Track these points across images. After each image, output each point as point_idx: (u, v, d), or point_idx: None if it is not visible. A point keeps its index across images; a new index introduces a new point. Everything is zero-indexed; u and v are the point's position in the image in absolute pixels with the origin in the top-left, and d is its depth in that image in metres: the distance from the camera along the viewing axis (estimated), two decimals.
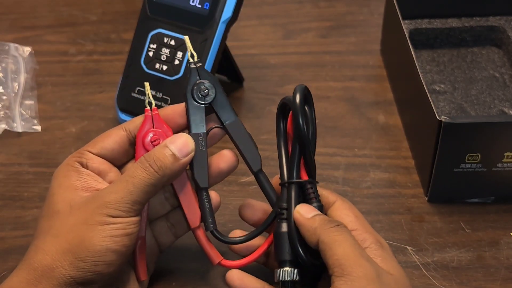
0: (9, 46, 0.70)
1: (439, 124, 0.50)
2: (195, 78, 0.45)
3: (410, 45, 0.58)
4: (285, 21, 0.77)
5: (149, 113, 0.44)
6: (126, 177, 0.41)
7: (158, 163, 0.41)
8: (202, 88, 0.44)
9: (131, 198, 0.40)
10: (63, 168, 0.43)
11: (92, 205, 0.40)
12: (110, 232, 0.40)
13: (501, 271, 0.50)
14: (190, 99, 0.44)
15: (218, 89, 0.45)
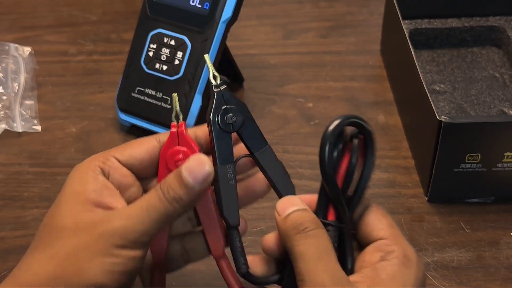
0: (9, 46, 0.70)
1: (439, 124, 0.50)
2: (219, 103, 0.39)
3: (410, 45, 0.58)
4: (285, 21, 0.77)
5: (175, 129, 0.40)
6: (141, 202, 0.37)
7: (172, 193, 0.36)
8: (229, 115, 0.39)
9: (142, 227, 0.36)
10: (83, 169, 0.39)
11: (99, 229, 0.36)
12: (109, 267, 0.35)
13: (501, 271, 0.50)
14: (215, 126, 0.39)
15: (246, 114, 0.40)
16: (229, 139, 0.39)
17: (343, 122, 0.37)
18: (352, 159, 0.38)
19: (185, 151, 0.39)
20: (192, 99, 0.58)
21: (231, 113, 0.39)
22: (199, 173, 0.36)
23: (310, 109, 0.65)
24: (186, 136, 0.39)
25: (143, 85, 0.60)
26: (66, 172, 0.59)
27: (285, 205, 0.37)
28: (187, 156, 0.38)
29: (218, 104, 0.39)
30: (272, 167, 0.40)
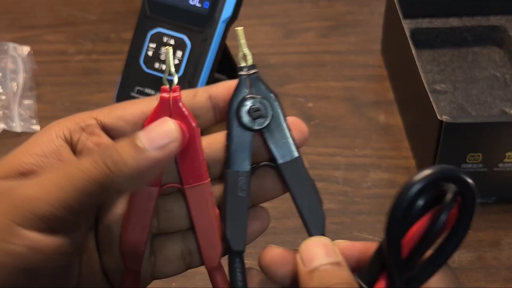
0: (8, 45, 0.70)
1: (440, 124, 0.50)
2: (243, 90, 0.31)
3: (410, 45, 0.57)
4: (285, 20, 0.77)
5: (167, 95, 0.30)
6: (64, 166, 0.27)
7: (113, 154, 0.26)
8: (254, 106, 0.30)
9: (58, 197, 0.25)
10: (45, 130, 0.30)
11: (3, 198, 0.26)
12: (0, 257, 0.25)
13: (502, 271, 0.50)
14: (234, 119, 0.30)
15: (277, 109, 0.31)
16: (248, 139, 0.30)
17: (440, 174, 0.26)
18: (438, 221, 0.26)
19: (179, 123, 0.29)
20: None
21: (257, 105, 0.30)
22: (157, 131, 0.27)
23: (310, 109, 0.65)
24: (181, 104, 0.30)
25: (143, 84, 0.60)
26: None
27: (313, 252, 0.28)
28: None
29: (241, 92, 0.30)
30: (300, 185, 0.31)
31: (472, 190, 0.27)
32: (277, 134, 0.31)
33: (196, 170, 0.30)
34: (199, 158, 0.30)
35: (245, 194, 0.30)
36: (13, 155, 0.29)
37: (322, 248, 0.28)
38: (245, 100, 0.30)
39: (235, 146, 0.30)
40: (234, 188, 0.30)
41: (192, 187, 0.31)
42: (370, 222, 0.53)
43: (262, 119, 0.30)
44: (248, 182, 0.30)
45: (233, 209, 0.30)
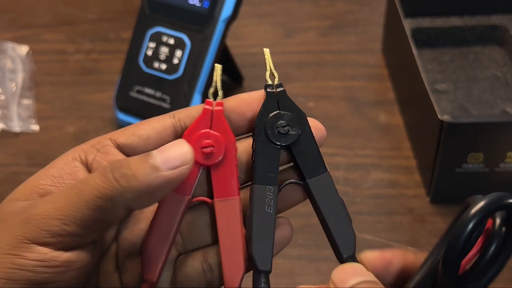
0: (7, 45, 0.70)
1: (440, 124, 0.49)
2: (271, 106, 0.31)
3: (411, 44, 0.57)
4: (285, 20, 0.76)
5: (210, 107, 0.30)
6: (75, 183, 0.28)
7: (124, 169, 0.27)
8: (281, 123, 0.30)
9: (67, 212, 0.26)
10: (65, 155, 0.30)
11: (16, 219, 0.27)
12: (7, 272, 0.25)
13: (503, 272, 0.50)
14: (262, 136, 0.30)
15: (304, 126, 0.31)
16: (276, 155, 0.30)
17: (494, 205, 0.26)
18: (488, 251, 0.27)
19: (218, 137, 0.30)
20: (191, 99, 0.57)
21: (285, 121, 0.30)
22: (172, 152, 0.27)
23: (310, 108, 0.64)
24: (223, 118, 0.30)
25: (142, 84, 0.59)
26: None
27: (346, 274, 0.28)
28: (219, 144, 0.30)
29: (269, 108, 0.31)
30: (329, 202, 0.30)
31: None
32: (305, 151, 0.31)
33: (228, 184, 0.30)
34: (233, 173, 0.30)
35: (273, 211, 0.30)
36: (32, 179, 0.29)
37: (355, 270, 0.28)
38: (273, 116, 0.30)
39: (263, 161, 0.30)
40: (261, 204, 0.30)
41: (223, 201, 0.30)
42: (370, 222, 0.53)
43: (291, 135, 0.30)
44: (275, 198, 0.30)
45: (260, 226, 0.30)
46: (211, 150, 0.30)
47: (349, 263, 0.29)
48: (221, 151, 0.30)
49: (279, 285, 0.49)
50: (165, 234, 0.30)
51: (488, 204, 0.26)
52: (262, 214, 0.30)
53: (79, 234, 0.26)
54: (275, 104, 0.31)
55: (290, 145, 0.30)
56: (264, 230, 0.30)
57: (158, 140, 0.30)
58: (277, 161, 0.30)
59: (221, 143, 0.30)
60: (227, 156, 0.30)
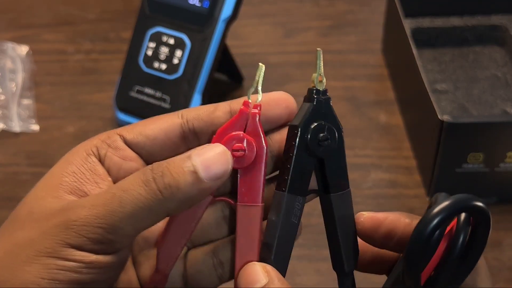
0: (7, 45, 0.70)
1: (440, 124, 0.49)
2: (316, 115, 0.30)
3: (411, 44, 0.57)
4: (285, 20, 0.76)
5: (247, 109, 0.30)
6: (114, 188, 0.27)
7: (167, 179, 0.27)
8: (324, 136, 0.30)
9: (110, 221, 0.26)
10: (76, 149, 0.31)
11: (53, 221, 0.27)
12: (52, 274, 0.26)
13: (503, 272, 0.50)
14: (302, 142, 0.29)
15: (341, 141, 0.30)
16: (311, 164, 0.30)
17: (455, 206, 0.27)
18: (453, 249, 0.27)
19: (250, 141, 0.29)
20: (191, 99, 0.57)
21: (326, 133, 0.30)
22: (216, 164, 0.27)
23: None
24: (259, 122, 0.30)
25: (142, 84, 0.59)
26: None
27: (246, 280, 0.29)
28: (250, 149, 0.29)
29: (314, 116, 0.30)
30: (344, 220, 0.30)
31: (487, 216, 0.27)
32: (335, 165, 0.30)
33: (253, 191, 0.30)
34: (260, 179, 0.30)
35: (297, 221, 0.29)
36: (52, 175, 0.30)
37: (248, 277, 0.29)
38: (316, 125, 0.30)
39: (297, 169, 0.29)
40: (288, 214, 0.29)
41: (246, 206, 0.30)
42: None
43: (328, 148, 0.30)
44: (302, 209, 0.29)
45: (284, 235, 0.29)
46: (242, 154, 0.29)
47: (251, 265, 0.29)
48: (251, 156, 0.29)
49: None
50: (183, 230, 0.30)
51: (451, 205, 0.26)
52: (288, 224, 0.29)
53: (119, 241, 0.27)
54: (321, 112, 0.30)
55: (324, 157, 0.30)
56: (286, 240, 0.29)
57: (165, 141, 0.30)
58: (310, 172, 0.30)
59: (253, 148, 0.29)
60: (256, 163, 0.30)
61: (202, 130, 0.30)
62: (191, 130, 0.30)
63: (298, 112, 0.30)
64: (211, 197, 0.30)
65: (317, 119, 0.30)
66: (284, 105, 0.31)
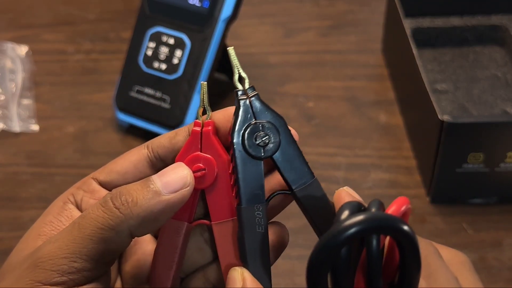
0: (7, 45, 0.70)
1: (441, 124, 0.49)
2: (246, 117, 0.29)
3: (411, 44, 0.57)
4: (285, 20, 0.76)
5: (198, 129, 0.30)
6: (76, 218, 0.28)
7: (124, 196, 0.27)
8: (260, 134, 0.28)
9: (72, 249, 0.26)
10: (57, 200, 0.31)
11: (24, 265, 0.27)
12: None
13: (504, 272, 0.50)
14: (240, 150, 0.28)
15: (284, 132, 0.29)
16: (259, 168, 0.28)
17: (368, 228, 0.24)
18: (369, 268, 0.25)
19: (209, 158, 0.29)
20: (191, 99, 0.57)
21: (263, 132, 0.29)
22: (172, 176, 0.28)
23: (310, 108, 0.64)
24: (213, 138, 0.29)
25: (142, 84, 0.59)
26: (64, 173, 0.59)
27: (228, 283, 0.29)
28: (210, 166, 0.29)
29: (245, 118, 0.29)
30: (319, 210, 0.29)
31: (411, 237, 0.24)
32: (289, 159, 0.29)
33: (223, 206, 0.30)
34: (227, 194, 0.30)
35: (264, 229, 0.28)
36: (32, 228, 0.30)
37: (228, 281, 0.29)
38: (250, 127, 0.28)
39: (245, 178, 0.28)
40: (251, 226, 0.28)
41: (219, 223, 0.30)
42: None
43: (271, 145, 0.28)
44: (265, 215, 0.28)
45: (253, 248, 0.28)
46: (203, 173, 0.29)
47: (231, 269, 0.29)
48: (213, 173, 0.29)
49: (279, 285, 0.49)
50: (169, 261, 0.30)
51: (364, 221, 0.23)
52: (254, 235, 0.28)
53: (88, 269, 0.27)
54: (251, 113, 0.29)
55: (273, 156, 0.29)
56: (258, 251, 0.28)
57: (135, 173, 0.31)
58: (261, 176, 0.28)
59: (213, 166, 0.29)
60: (220, 178, 0.30)
61: (166, 156, 0.31)
62: (157, 158, 0.31)
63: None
64: (186, 223, 0.30)
65: (248, 120, 0.29)
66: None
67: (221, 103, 0.62)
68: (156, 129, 0.59)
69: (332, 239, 0.24)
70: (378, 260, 0.24)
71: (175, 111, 0.57)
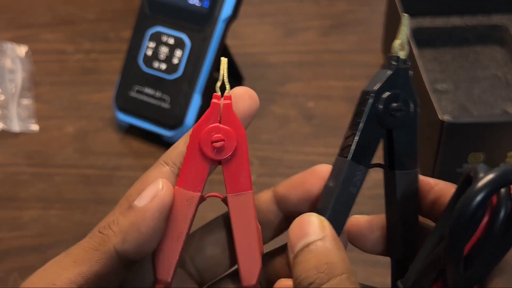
0: (6, 45, 0.70)
1: (441, 123, 0.49)
2: (391, 83, 0.28)
3: (412, 44, 0.57)
4: (285, 19, 0.76)
5: (218, 101, 0.30)
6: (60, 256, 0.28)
7: (106, 220, 0.28)
8: (396, 104, 0.28)
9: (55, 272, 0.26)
10: None
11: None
12: None
13: None
14: (372, 109, 0.28)
15: (414, 116, 0.28)
16: (378, 135, 0.28)
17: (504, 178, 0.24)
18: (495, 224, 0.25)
19: (228, 130, 0.29)
20: (191, 99, 0.57)
21: (400, 103, 0.28)
22: (146, 188, 0.28)
23: (310, 108, 0.64)
24: (232, 112, 0.30)
25: (142, 84, 0.59)
26: (64, 173, 0.58)
27: (295, 235, 0.26)
28: (230, 138, 0.29)
29: (390, 84, 0.27)
30: (406, 201, 0.29)
31: None
32: (405, 141, 0.28)
33: (240, 179, 0.30)
34: (245, 167, 0.30)
35: (356, 192, 0.28)
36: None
37: (302, 227, 0.26)
38: (389, 94, 0.27)
39: (364, 138, 0.28)
40: (348, 182, 0.27)
41: (235, 196, 0.30)
42: None
43: (401, 120, 0.28)
44: (362, 180, 0.28)
45: (339, 204, 0.27)
46: (222, 144, 0.29)
47: (303, 215, 0.27)
48: (232, 145, 0.29)
49: None
50: (178, 233, 0.29)
51: (497, 178, 0.24)
52: (345, 192, 0.27)
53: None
54: (397, 81, 0.28)
55: (393, 130, 0.28)
56: (342, 210, 0.28)
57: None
58: (377, 143, 0.28)
59: (232, 137, 0.29)
60: (238, 150, 0.30)
61: None
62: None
63: (373, 78, 0.28)
64: (199, 195, 0.30)
65: (392, 87, 0.28)
66: (247, 97, 0.30)
67: None
68: (156, 129, 0.58)
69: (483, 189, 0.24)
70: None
71: (175, 111, 0.57)
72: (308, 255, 0.25)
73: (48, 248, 0.51)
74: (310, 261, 0.25)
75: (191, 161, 0.29)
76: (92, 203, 0.55)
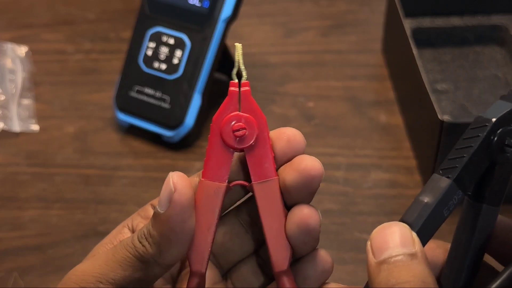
0: (6, 46, 0.70)
1: (441, 124, 0.49)
2: (510, 118, 0.27)
3: (412, 44, 0.57)
4: (285, 19, 0.76)
5: (236, 89, 0.30)
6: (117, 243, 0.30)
7: (142, 227, 0.29)
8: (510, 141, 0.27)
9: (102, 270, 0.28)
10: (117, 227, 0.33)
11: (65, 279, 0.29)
12: None
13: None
14: (487, 140, 0.27)
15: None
16: (482, 165, 0.27)
17: None
18: None
19: (249, 118, 0.29)
20: (191, 99, 0.57)
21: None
22: (163, 192, 0.28)
23: (310, 108, 0.64)
24: (251, 99, 0.29)
25: (142, 84, 0.59)
26: (64, 173, 0.59)
27: (384, 240, 0.24)
28: (251, 126, 0.29)
29: (508, 117, 0.27)
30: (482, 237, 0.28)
31: None
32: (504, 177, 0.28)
33: (265, 166, 0.30)
34: (268, 153, 0.30)
35: (447, 215, 0.27)
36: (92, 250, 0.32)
37: (395, 235, 0.24)
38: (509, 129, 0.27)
39: (471, 164, 0.27)
40: (444, 202, 0.26)
41: (261, 183, 0.29)
42: (371, 223, 0.53)
43: (508, 157, 0.27)
44: (456, 206, 0.27)
45: (429, 222, 0.26)
46: (244, 133, 0.29)
47: (393, 222, 0.25)
48: (253, 132, 0.29)
49: None
50: (208, 224, 0.29)
51: None
52: (438, 213, 0.26)
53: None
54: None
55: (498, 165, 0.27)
56: (428, 230, 0.26)
57: None
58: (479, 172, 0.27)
59: (253, 125, 0.29)
60: (260, 137, 0.29)
61: None
62: None
63: (492, 107, 0.28)
64: (225, 184, 0.30)
65: (510, 122, 0.27)
66: (285, 139, 0.30)
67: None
68: (156, 129, 0.58)
69: None
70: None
71: (175, 111, 0.57)
72: (401, 266, 0.24)
73: (48, 248, 0.51)
74: (402, 273, 0.23)
75: (213, 152, 0.29)
76: (92, 203, 0.55)
